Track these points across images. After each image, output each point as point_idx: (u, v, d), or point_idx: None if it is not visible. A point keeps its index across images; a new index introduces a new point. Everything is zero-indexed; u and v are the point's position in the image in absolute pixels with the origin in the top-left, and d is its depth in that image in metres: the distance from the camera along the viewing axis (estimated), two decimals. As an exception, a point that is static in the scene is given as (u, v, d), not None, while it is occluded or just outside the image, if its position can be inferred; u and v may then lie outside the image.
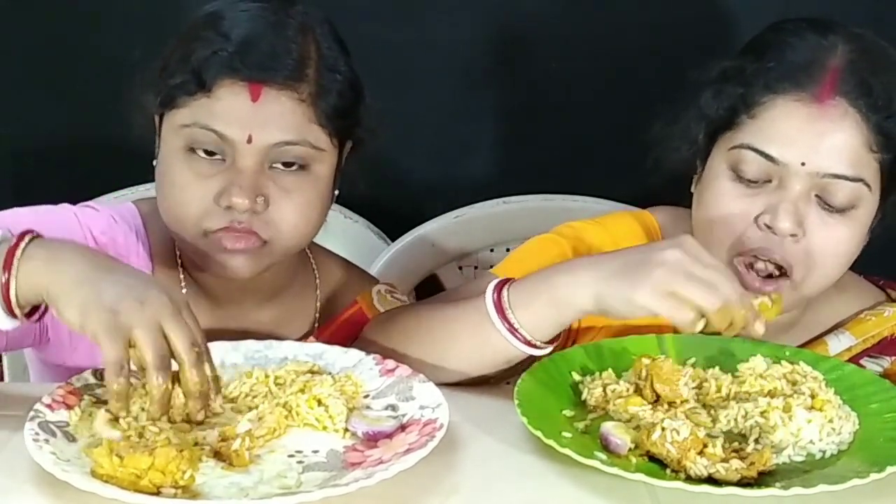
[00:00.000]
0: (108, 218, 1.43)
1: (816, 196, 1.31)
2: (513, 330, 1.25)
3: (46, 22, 2.08)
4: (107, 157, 1.82)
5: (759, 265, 1.33)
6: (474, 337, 1.29)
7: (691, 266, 1.17)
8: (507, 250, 1.91)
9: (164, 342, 1.08)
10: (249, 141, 1.31)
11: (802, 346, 1.43)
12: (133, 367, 1.09)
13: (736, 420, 1.19)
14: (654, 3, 2.08)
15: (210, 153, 1.32)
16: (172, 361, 1.09)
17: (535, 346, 1.27)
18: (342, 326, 1.49)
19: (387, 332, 1.38)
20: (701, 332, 1.19)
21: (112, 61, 2.05)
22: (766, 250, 1.32)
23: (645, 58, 2.05)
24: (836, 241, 1.33)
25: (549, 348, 1.29)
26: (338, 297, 1.54)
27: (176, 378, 1.09)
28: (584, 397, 1.25)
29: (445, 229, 1.94)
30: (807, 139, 1.30)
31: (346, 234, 1.92)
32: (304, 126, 1.33)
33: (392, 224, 1.96)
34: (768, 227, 1.31)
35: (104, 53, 2.04)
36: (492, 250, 1.96)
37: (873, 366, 1.42)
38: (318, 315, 1.52)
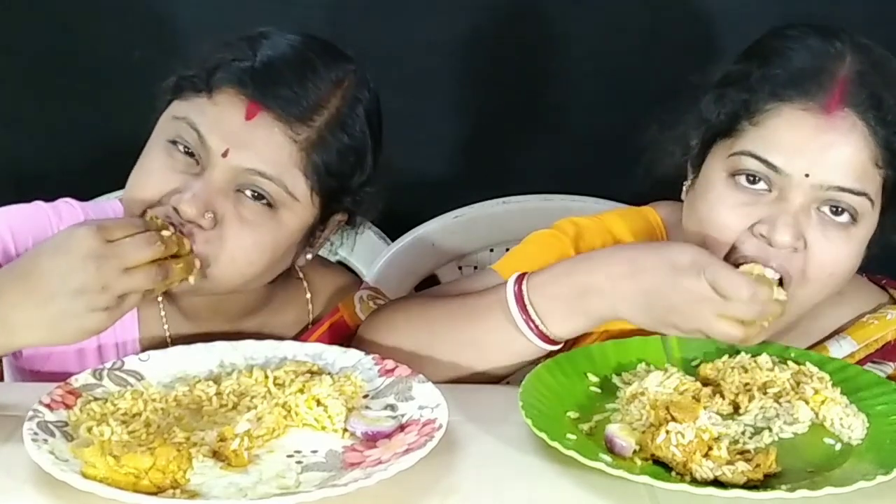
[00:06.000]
0: (83, 216, 1.41)
1: (817, 209, 1.28)
2: (542, 335, 1.29)
3: (47, 22, 2.08)
4: (107, 157, 1.83)
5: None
6: (499, 339, 1.32)
7: (707, 309, 1.19)
8: (507, 250, 1.91)
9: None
10: (225, 155, 1.26)
11: None
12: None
13: (764, 408, 1.21)
14: (655, 3, 2.08)
15: (189, 153, 1.28)
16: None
17: (553, 343, 1.30)
18: (324, 335, 1.45)
19: (391, 335, 1.38)
20: None
21: (112, 62, 2.06)
22: (762, 259, 1.28)
23: (646, 57, 2.05)
24: (836, 256, 1.29)
25: (561, 344, 1.32)
26: (320, 304, 1.50)
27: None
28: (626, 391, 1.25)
29: (445, 229, 1.94)
30: (812, 150, 1.26)
31: (346, 234, 1.92)
32: (287, 167, 1.27)
33: (392, 224, 1.95)
34: (764, 236, 1.28)
35: (104, 54, 2.04)
36: (492, 250, 1.96)
37: (877, 372, 1.38)
38: (310, 326, 1.47)
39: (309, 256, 1.39)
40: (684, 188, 1.40)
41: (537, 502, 1.09)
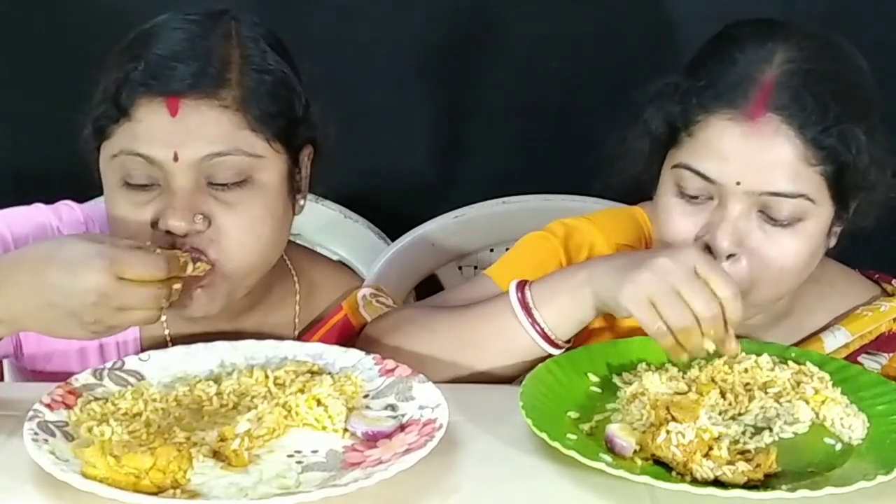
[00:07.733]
0: (83, 219, 1.41)
1: (759, 211, 1.29)
2: (540, 329, 1.30)
3: (47, 22, 2.08)
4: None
5: None
6: (500, 338, 1.33)
7: (676, 278, 1.20)
8: (507, 250, 1.91)
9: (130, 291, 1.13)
10: (176, 159, 1.24)
11: (796, 344, 1.42)
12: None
13: (764, 408, 1.21)
14: (654, 3, 2.08)
15: (144, 185, 1.26)
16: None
17: (556, 346, 1.32)
18: (328, 334, 1.45)
19: (394, 336, 1.38)
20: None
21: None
22: None
23: (645, 57, 2.05)
24: (783, 253, 1.29)
25: (566, 347, 1.32)
26: (322, 302, 1.49)
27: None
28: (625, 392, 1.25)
29: (445, 229, 1.94)
30: (740, 158, 1.27)
31: (346, 234, 1.92)
32: (234, 134, 1.26)
33: (392, 224, 1.95)
34: (708, 246, 1.29)
35: (105, 54, 2.04)
36: (492, 250, 1.96)
37: (871, 363, 1.41)
38: (297, 322, 1.47)
39: (302, 202, 1.38)
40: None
41: (537, 502, 1.09)
